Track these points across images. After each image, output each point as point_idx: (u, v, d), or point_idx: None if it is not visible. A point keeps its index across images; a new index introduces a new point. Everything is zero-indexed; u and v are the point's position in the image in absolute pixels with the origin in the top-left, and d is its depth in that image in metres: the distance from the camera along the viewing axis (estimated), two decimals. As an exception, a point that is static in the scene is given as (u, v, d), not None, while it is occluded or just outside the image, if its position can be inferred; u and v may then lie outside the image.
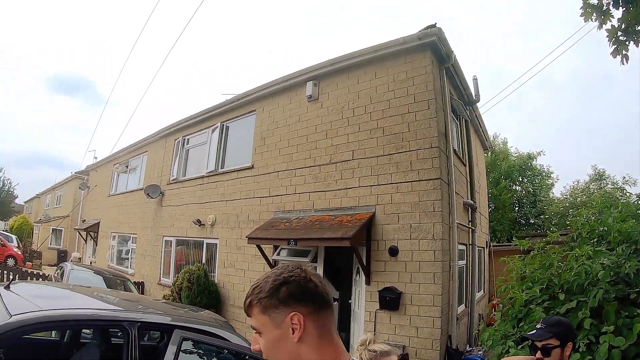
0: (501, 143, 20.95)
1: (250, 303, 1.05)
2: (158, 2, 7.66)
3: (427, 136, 5.96)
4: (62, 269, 8.71)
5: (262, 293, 1.03)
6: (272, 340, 1.02)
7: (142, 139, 14.54)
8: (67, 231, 25.54)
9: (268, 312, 1.02)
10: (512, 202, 19.01)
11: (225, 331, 3.45)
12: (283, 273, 1.05)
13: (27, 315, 2.54)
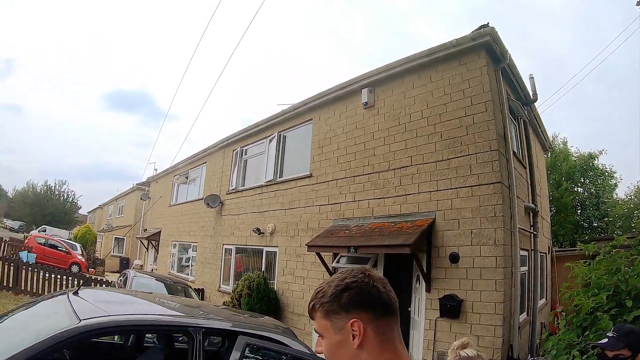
0: (561, 143, 20.45)
1: (314, 307, 1.11)
2: (213, 15, 8.33)
3: (485, 139, 6.09)
4: (125, 275, 9.57)
5: (324, 298, 1.08)
6: (333, 345, 1.06)
7: (201, 151, 15.62)
8: (129, 240, 27.57)
9: (329, 317, 1.06)
10: (574, 204, 18.53)
11: (287, 337, 3.58)
12: (346, 278, 1.08)
13: (95, 320, 2.72)
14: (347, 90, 8.52)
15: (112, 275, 21.59)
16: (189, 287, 9.95)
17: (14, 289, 11.43)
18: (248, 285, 8.96)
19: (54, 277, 12.31)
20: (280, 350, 3.25)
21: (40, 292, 11.50)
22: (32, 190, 57.21)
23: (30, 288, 11.69)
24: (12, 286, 11.44)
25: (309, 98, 9.54)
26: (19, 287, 11.54)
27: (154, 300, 4.18)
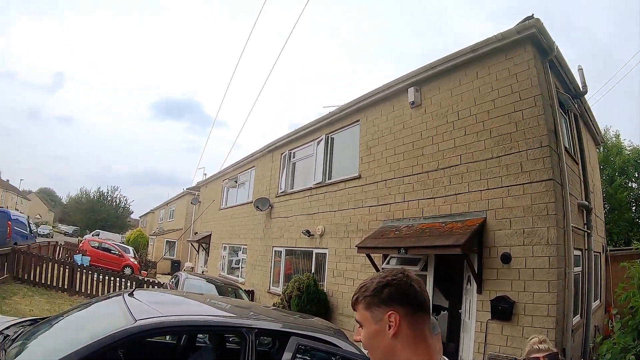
0: (613, 136, 19.77)
1: (357, 299, 1.29)
2: (256, 20, 8.82)
3: (536, 135, 6.18)
4: (177, 277, 10.21)
5: (367, 292, 1.26)
6: (371, 334, 1.24)
7: (249, 155, 16.44)
8: (180, 243, 29.09)
9: (370, 309, 1.25)
10: (628, 201, 18.04)
11: (338, 339, 3.71)
12: (387, 276, 1.27)
13: (150, 321, 2.91)
14: (393, 90, 8.83)
15: (164, 277, 22.91)
16: (239, 288, 10.47)
17: (69, 291, 12.55)
18: (298, 286, 9.47)
19: (107, 279, 13.46)
20: (331, 352, 3.38)
21: (94, 294, 12.59)
22: (86, 197, 60.93)
23: (84, 289, 12.79)
24: (67, 288, 12.60)
25: (355, 99, 9.93)
26: (74, 289, 12.66)
27: (206, 302, 4.42)
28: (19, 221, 18.80)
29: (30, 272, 12.34)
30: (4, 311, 7.71)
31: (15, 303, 9.39)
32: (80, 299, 11.71)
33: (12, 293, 10.35)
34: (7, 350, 2.92)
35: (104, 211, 58.43)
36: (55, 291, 12.32)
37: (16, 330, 3.47)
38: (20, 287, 11.37)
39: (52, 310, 8.97)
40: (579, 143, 8.14)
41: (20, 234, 18.24)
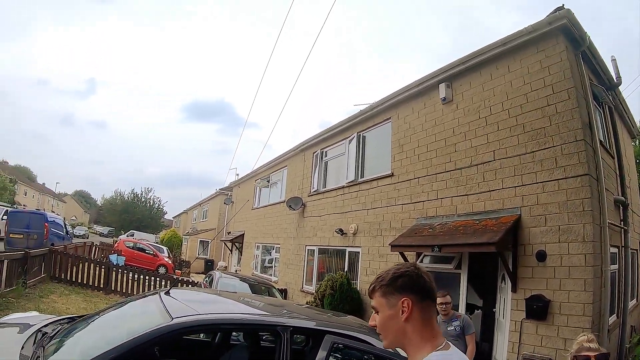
0: None
1: (374, 288, 1.52)
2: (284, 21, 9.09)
3: (570, 129, 6.18)
4: (211, 276, 10.60)
5: (383, 281, 1.49)
6: (386, 318, 1.47)
7: (281, 155, 16.89)
8: (213, 242, 30.01)
9: (386, 296, 1.47)
10: None
11: (372, 337, 3.70)
12: (401, 268, 1.50)
13: (187, 319, 3.01)
14: (424, 87, 8.96)
15: (197, 276, 23.67)
16: (273, 287, 10.84)
17: (105, 289, 13.27)
18: (331, 285, 9.72)
19: (142, 278, 14.09)
20: (366, 350, 3.43)
21: (129, 292, 13.26)
22: (120, 198, 62.96)
23: (119, 288, 13.48)
24: (103, 287, 13.33)
25: (386, 97, 10.11)
26: (110, 288, 13.37)
27: (240, 300, 4.51)
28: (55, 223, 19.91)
29: (66, 271, 13.08)
30: (42, 309, 8.15)
31: (52, 302, 9.95)
32: (115, 297, 12.33)
33: (50, 292, 10.96)
34: (45, 347, 3.09)
35: (138, 212, 60.32)
36: (92, 290, 13.02)
37: (54, 328, 3.67)
38: (57, 286, 12.03)
39: (88, 309, 9.47)
40: (614, 136, 8.03)
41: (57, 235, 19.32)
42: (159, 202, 65.09)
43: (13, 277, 9.36)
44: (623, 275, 7.50)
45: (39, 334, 3.46)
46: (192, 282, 15.62)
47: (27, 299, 9.40)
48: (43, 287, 11.22)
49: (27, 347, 3.13)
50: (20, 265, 9.88)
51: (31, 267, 10.56)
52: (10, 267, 9.21)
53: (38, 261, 11.50)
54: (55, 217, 22.42)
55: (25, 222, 17.71)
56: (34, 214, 19.42)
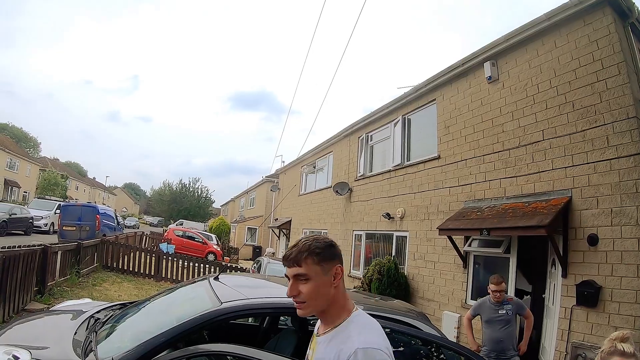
0: None
1: (304, 256, 1.62)
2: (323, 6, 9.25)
3: (622, 105, 6.07)
4: (259, 262, 11.11)
5: (318, 249, 1.63)
6: (320, 284, 1.61)
7: (326, 140, 17.24)
8: (260, 229, 31.13)
9: (321, 263, 1.62)
10: None
11: (420, 322, 3.89)
12: (324, 238, 1.70)
13: (235, 303, 3.14)
14: (468, 66, 9.00)
15: (246, 262, 24.59)
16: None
17: (156, 277, 14.19)
18: (379, 270, 10.00)
19: (191, 265, 14.99)
20: (414, 334, 3.55)
21: (179, 279, 14.10)
22: (168, 189, 65.33)
23: (170, 275, 14.39)
24: (154, 274, 14.25)
25: (430, 78, 10.19)
26: (160, 275, 14.29)
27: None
28: (106, 215, 21.24)
29: (118, 260, 14.15)
30: (95, 297, 8.87)
31: (104, 289, 10.77)
32: (166, 284, 13.17)
33: (102, 280, 11.84)
34: (98, 332, 3.32)
35: (186, 201, 62.47)
36: (143, 278, 13.96)
37: (106, 314, 3.90)
38: (109, 275, 12.99)
39: (139, 295, 10.18)
40: (669, 113, 7.74)
41: (109, 226, 20.65)
42: (207, 191, 67.19)
43: (67, 267, 10.20)
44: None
45: (92, 320, 3.70)
46: (240, 268, 16.29)
47: (81, 287, 10.21)
48: (96, 276, 12.12)
49: (80, 333, 3.35)
50: (73, 256, 10.74)
51: (84, 257, 11.44)
52: (64, 257, 10.01)
53: (90, 251, 12.40)
54: (107, 209, 23.85)
55: (77, 214, 19.01)
56: (86, 206, 20.74)
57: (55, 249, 9.32)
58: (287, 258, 1.68)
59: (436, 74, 9.93)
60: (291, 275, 1.66)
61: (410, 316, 4.02)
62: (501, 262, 7.82)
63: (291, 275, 1.66)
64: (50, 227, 22.90)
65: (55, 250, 9.31)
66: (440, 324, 8.68)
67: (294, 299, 1.66)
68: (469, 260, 8.57)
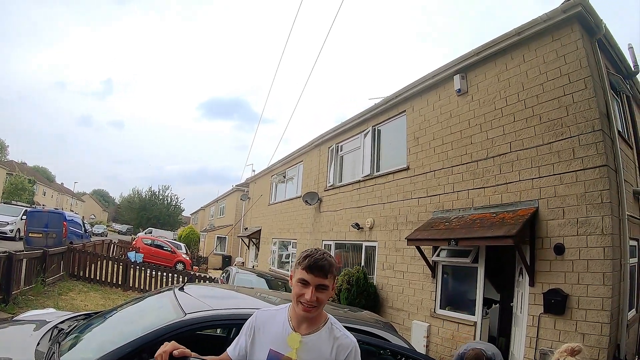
0: None
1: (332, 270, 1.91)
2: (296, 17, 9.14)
3: (588, 119, 6.12)
4: (227, 272, 10.74)
5: (334, 267, 1.93)
6: (329, 295, 1.91)
7: (296, 150, 17.08)
8: (230, 238, 30.54)
9: (334, 279, 1.96)
10: None
11: (387, 332, 3.84)
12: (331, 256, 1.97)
13: (200, 314, 3.04)
14: (438, 79, 8.96)
15: (215, 272, 24.13)
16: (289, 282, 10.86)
17: (123, 286, 13.57)
18: (348, 280, 9.80)
19: (159, 275, 14.33)
20: (381, 345, 3.50)
21: (147, 289, 13.48)
22: (138, 196, 63.94)
23: (138, 285, 13.80)
24: (121, 283, 13.64)
25: (400, 90, 10.12)
26: (128, 284, 13.68)
27: (256, 295, 4.49)
28: (74, 221, 20.41)
29: (85, 269, 13.46)
30: (60, 307, 8.40)
31: (70, 299, 10.23)
32: (134, 294, 12.63)
33: (68, 289, 11.25)
34: (61, 343, 3.12)
35: (155, 209, 61.22)
36: (110, 287, 13.33)
37: (70, 324, 3.70)
38: (76, 284, 12.36)
39: (106, 305, 9.70)
40: (633, 126, 7.92)
41: (76, 234, 19.82)
42: (177, 199, 66.02)
43: (32, 275, 9.64)
44: (643, 269, 7.42)
45: (55, 330, 3.51)
46: (209, 277, 15.88)
47: (47, 297, 9.66)
48: (62, 285, 11.52)
49: (42, 344, 3.17)
50: (39, 264, 10.16)
51: (50, 265, 10.85)
52: (30, 265, 9.48)
53: (57, 259, 11.78)
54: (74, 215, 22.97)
55: (44, 221, 18.22)
56: (53, 213, 19.94)
57: (21, 257, 8.86)
58: (320, 269, 1.87)
59: (407, 86, 9.87)
60: (315, 284, 1.86)
61: (378, 327, 3.94)
62: (469, 272, 7.74)
63: (315, 283, 1.86)
64: (16, 234, 21.80)
65: (21, 257, 8.84)
66: (409, 333, 8.55)
67: (308, 302, 1.84)
68: (437, 270, 8.45)
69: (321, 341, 1.91)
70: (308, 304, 1.83)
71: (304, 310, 1.85)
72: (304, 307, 1.85)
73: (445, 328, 7.92)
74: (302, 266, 1.89)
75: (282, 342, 1.92)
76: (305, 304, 1.84)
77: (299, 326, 1.94)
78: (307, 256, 1.91)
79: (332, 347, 1.90)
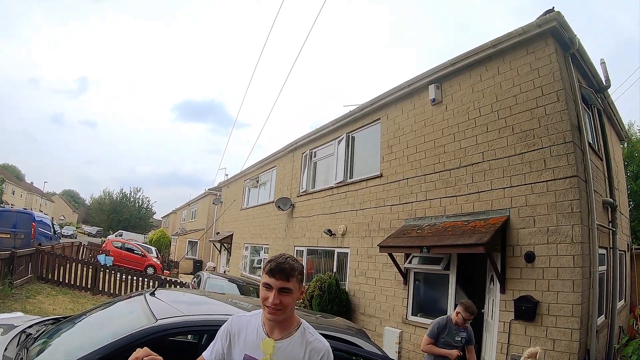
0: (638, 131, 19.34)
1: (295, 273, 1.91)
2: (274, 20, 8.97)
3: (559, 130, 6.16)
4: (199, 277, 10.48)
5: (299, 271, 1.93)
6: (295, 299, 1.91)
7: (270, 155, 16.75)
8: (202, 243, 29.88)
9: (300, 282, 1.95)
10: None
11: (359, 339, 3.78)
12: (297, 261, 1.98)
13: (171, 320, 2.94)
14: (413, 88, 8.90)
15: (186, 277, 23.55)
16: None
17: (92, 290, 13.02)
18: (320, 286, 9.59)
19: (130, 279, 13.87)
20: (353, 352, 3.44)
21: (117, 293, 13.02)
22: (109, 198, 62.45)
23: (107, 289, 13.25)
24: (90, 287, 13.08)
25: (375, 97, 10.02)
26: (97, 288, 13.13)
27: (227, 301, 4.41)
28: (43, 222, 19.51)
29: (53, 272, 12.88)
30: (28, 310, 7.99)
31: (39, 302, 9.74)
32: (103, 298, 12.13)
33: (36, 292, 10.72)
34: (29, 349, 3.01)
35: (126, 212, 59.91)
36: (79, 291, 12.77)
37: (38, 329, 3.57)
38: (44, 287, 11.78)
39: (75, 310, 9.29)
40: (603, 139, 8.05)
41: (45, 235, 18.94)
42: (148, 201, 64.80)
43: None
44: (611, 277, 7.52)
45: (23, 335, 3.37)
46: (180, 282, 15.45)
47: (14, 300, 9.19)
48: (30, 288, 10.98)
49: (10, 349, 3.03)
50: (6, 266, 9.65)
51: (17, 267, 10.31)
52: (-4, 267, 8.94)
53: (25, 261, 11.22)
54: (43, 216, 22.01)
55: (12, 221, 17.35)
56: (21, 213, 19.03)
57: (-14, 258, 8.30)
58: (281, 271, 1.88)
59: (382, 94, 9.78)
60: (277, 287, 1.87)
61: (350, 333, 3.89)
62: (441, 279, 7.67)
63: (278, 287, 1.87)
64: (-18, 234, 20.89)
65: (-14, 259, 8.29)
66: (381, 339, 8.39)
67: (272, 305, 1.85)
68: (409, 277, 8.34)
69: (294, 346, 1.92)
70: (272, 307, 1.85)
71: (269, 314, 1.88)
72: (269, 310, 1.87)
73: (417, 334, 7.79)
74: (265, 271, 1.92)
75: (256, 347, 1.93)
76: (270, 307, 1.86)
77: (271, 331, 1.95)
78: (270, 261, 1.94)
79: (304, 351, 1.91)
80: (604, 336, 6.98)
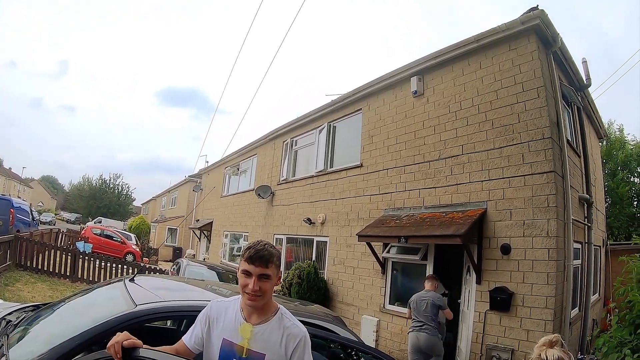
0: (617, 130, 19.74)
1: (274, 260, 1.95)
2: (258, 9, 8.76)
3: (538, 126, 6.18)
4: (178, 264, 10.32)
5: (277, 257, 1.98)
6: (273, 285, 1.95)
7: (251, 143, 16.50)
8: (181, 230, 29.55)
9: (278, 268, 2.00)
10: (630, 195, 18.18)
11: (336, 326, 3.83)
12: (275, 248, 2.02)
13: (150, 305, 2.94)
14: (396, 79, 8.81)
15: (166, 264, 23.26)
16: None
17: (71, 277, 12.72)
18: (299, 274, 9.53)
19: (109, 266, 13.62)
20: (330, 338, 3.51)
21: (96, 280, 12.75)
22: (88, 184, 61.23)
23: (86, 276, 12.97)
24: (69, 274, 12.77)
25: (358, 87, 9.91)
26: (76, 275, 12.83)
27: (207, 287, 4.42)
28: (21, 209, 18.88)
29: (32, 259, 12.54)
30: (7, 298, 7.79)
31: (17, 290, 9.52)
32: (82, 285, 11.83)
33: (15, 280, 10.48)
34: (10, 336, 2.97)
35: (106, 199, 58.83)
36: (58, 278, 12.48)
37: (18, 316, 3.52)
38: (23, 274, 11.52)
39: (54, 297, 9.09)
40: (582, 136, 8.12)
41: (23, 222, 18.34)
42: (128, 188, 63.81)
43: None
44: (586, 271, 7.62)
45: (3, 322, 3.34)
46: (159, 269, 15.22)
47: (-8, 287, 8.90)
48: (8, 275, 10.72)
49: None
50: (-16, 253, 9.29)
51: (-5, 254, 9.95)
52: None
53: (3, 248, 10.95)
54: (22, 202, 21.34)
55: (-10, 207, 16.84)
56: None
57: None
58: (260, 258, 1.91)
59: (364, 84, 9.68)
60: (257, 274, 1.90)
61: (328, 320, 3.93)
62: (418, 269, 7.67)
63: (257, 273, 1.90)
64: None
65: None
66: (359, 327, 8.39)
67: (252, 291, 1.89)
68: (387, 267, 8.33)
69: (272, 330, 1.95)
70: (252, 293, 1.88)
71: (249, 300, 1.91)
72: (249, 296, 1.90)
73: (394, 323, 7.81)
74: (244, 258, 1.94)
75: (234, 332, 1.97)
76: (250, 294, 1.89)
77: (250, 316, 1.99)
78: (249, 248, 1.96)
79: (282, 336, 1.94)
80: (577, 328, 7.08)
